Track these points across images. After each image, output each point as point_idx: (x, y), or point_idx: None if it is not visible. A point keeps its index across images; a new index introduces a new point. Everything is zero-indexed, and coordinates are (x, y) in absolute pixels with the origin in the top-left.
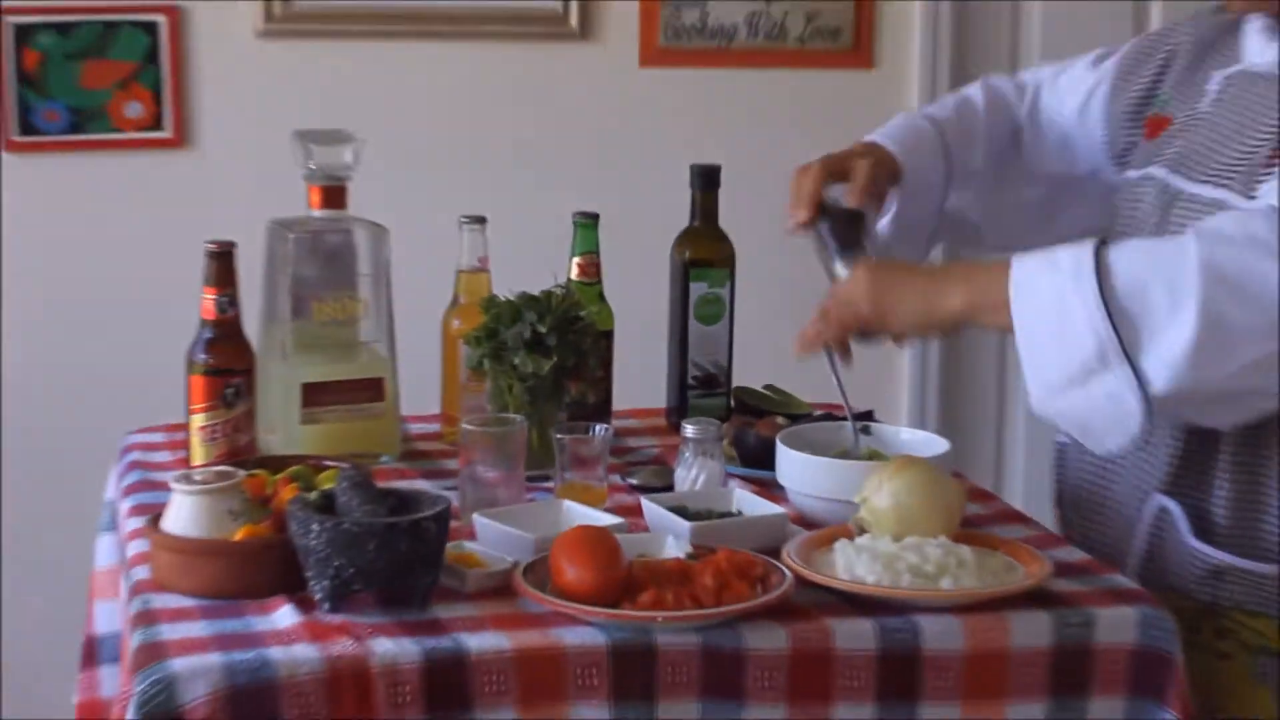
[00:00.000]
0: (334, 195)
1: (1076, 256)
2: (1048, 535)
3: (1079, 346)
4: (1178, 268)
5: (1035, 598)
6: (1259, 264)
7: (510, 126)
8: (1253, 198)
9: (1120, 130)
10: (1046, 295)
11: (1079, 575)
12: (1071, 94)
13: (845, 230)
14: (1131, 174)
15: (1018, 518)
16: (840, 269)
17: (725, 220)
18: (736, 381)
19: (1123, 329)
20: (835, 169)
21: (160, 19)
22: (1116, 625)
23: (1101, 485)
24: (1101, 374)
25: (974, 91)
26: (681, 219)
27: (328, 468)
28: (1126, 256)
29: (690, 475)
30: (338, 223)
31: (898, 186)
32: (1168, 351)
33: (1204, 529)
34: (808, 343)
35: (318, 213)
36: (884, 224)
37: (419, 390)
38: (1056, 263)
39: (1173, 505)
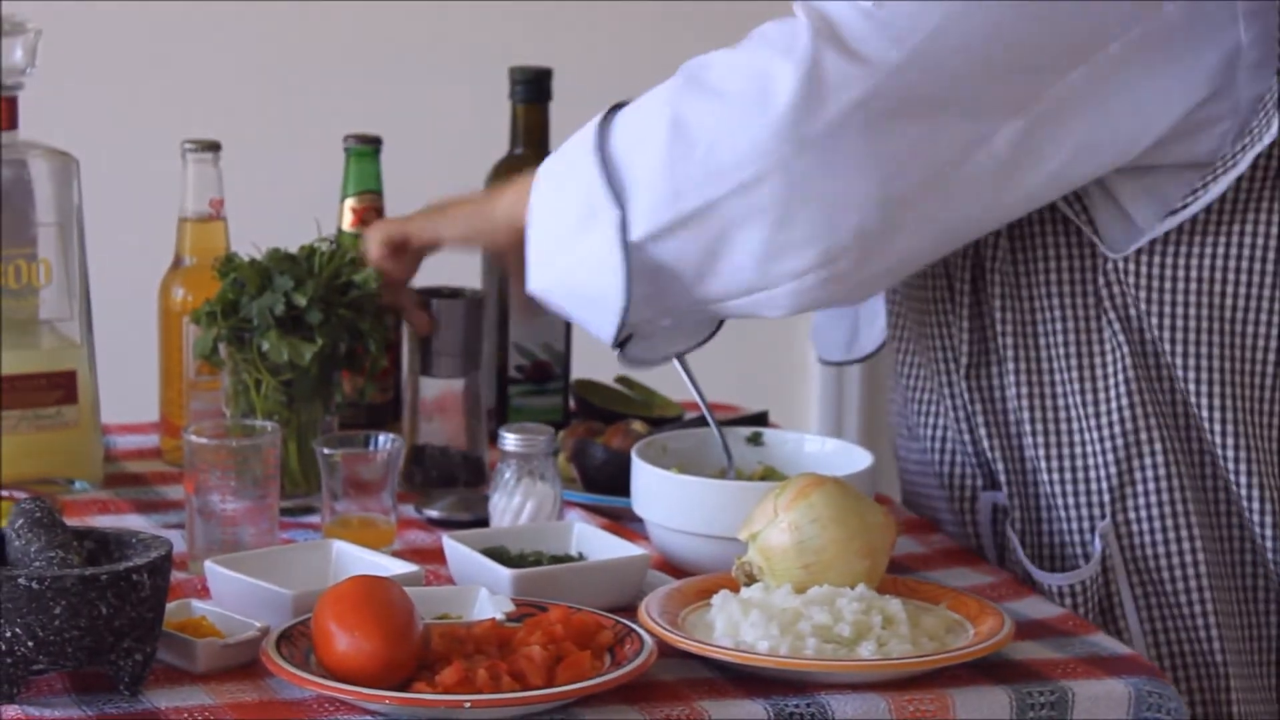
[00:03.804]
0: (0, 111)
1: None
2: (1009, 581)
3: (569, 200)
4: (666, 86)
5: (990, 668)
6: (746, 59)
7: (251, 15)
8: None
9: None
10: (559, 162)
11: (1051, 636)
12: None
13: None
14: None
15: (967, 558)
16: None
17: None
18: (577, 373)
19: (611, 171)
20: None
21: None
22: (1101, 704)
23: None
24: (589, 230)
25: None
26: (499, 144)
27: None
28: (640, 101)
29: (512, 504)
30: (7, 151)
31: None
32: (643, 173)
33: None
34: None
35: None
36: None
37: (128, 389)
38: (572, 141)
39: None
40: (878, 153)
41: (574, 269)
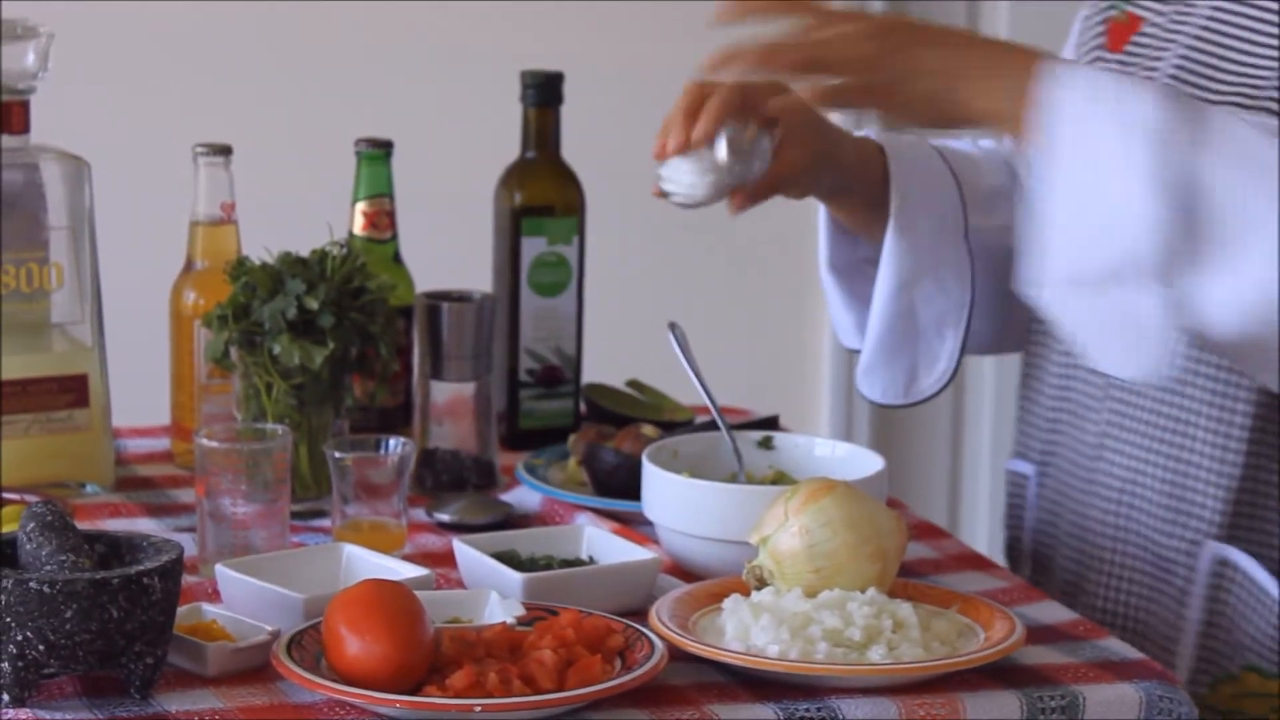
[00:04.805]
0: (12, 115)
1: (1161, 103)
2: (1020, 586)
3: (1116, 240)
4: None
5: (1001, 672)
6: None
7: (261, 19)
8: None
9: None
10: (1102, 148)
11: (1061, 640)
12: None
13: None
14: None
15: (979, 563)
16: None
17: (571, 151)
18: (588, 377)
19: (1181, 224)
20: (748, 101)
21: None
22: (1112, 708)
23: (1111, 537)
24: (1132, 284)
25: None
26: (510, 148)
27: (7, 502)
28: (1234, 132)
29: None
30: (18, 155)
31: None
32: (1252, 279)
33: None
34: (730, 13)
35: None
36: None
37: (139, 392)
38: (1133, 100)
39: (1241, 556)
40: None
41: (1106, 316)
